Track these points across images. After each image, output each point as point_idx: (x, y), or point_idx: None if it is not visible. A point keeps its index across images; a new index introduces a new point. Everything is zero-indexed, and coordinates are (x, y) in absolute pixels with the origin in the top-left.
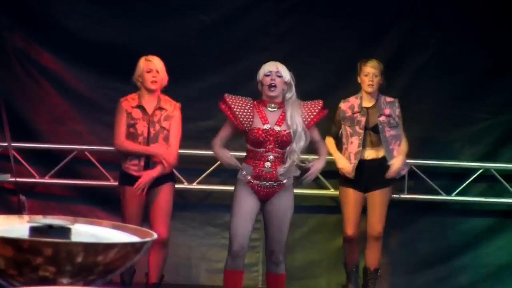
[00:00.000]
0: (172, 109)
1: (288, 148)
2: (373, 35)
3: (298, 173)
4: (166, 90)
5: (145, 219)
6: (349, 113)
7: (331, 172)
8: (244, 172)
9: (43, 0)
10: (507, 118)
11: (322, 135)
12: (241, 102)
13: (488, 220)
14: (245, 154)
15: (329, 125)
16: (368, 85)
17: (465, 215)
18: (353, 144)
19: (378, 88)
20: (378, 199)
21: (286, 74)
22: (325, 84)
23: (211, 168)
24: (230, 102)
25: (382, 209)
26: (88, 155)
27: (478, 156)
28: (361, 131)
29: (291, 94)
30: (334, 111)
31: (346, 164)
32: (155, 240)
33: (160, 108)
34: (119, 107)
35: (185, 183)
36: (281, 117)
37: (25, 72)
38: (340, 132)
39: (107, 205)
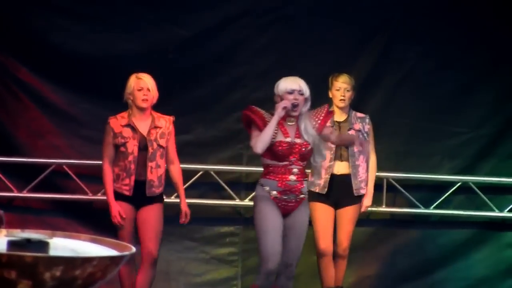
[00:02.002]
0: (168, 124)
1: (312, 161)
2: (351, 49)
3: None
4: None
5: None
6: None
7: None
8: (268, 188)
9: (21, 15)
10: (486, 132)
11: None
12: (265, 115)
13: (467, 233)
14: (263, 170)
15: None
16: (340, 100)
17: (443, 228)
18: (325, 158)
19: (349, 103)
20: (347, 216)
21: (307, 90)
22: None
23: (190, 182)
24: (261, 113)
25: (350, 226)
26: (66, 169)
27: (457, 170)
28: (333, 146)
29: (307, 107)
30: None
31: None
32: (146, 259)
33: (155, 127)
34: (106, 128)
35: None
36: (298, 129)
37: (4, 86)
38: None
39: (85, 219)
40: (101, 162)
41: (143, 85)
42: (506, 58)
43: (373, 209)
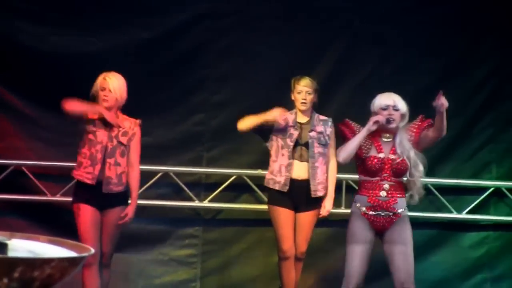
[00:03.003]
0: (133, 126)
1: (408, 177)
2: (312, 52)
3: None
4: None
5: None
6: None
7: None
8: (359, 204)
9: None
10: (443, 135)
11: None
12: (357, 127)
13: (426, 234)
14: (358, 186)
15: None
16: (301, 103)
17: None
18: (284, 156)
19: (311, 106)
20: (307, 220)
21: (403, 106)
22: (265, 101)
23: (150, 183)
24: (353, 127)
25: (309, 230)
26: (25, 170)
27: None
28: (291, 144)
29: (404, 123)
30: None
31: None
32: (101, 261)
33: (118, 126)
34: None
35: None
36: (394, 146)
37: None
38: (270, 142)
39: (44, 220)
40: (60, 164)
41: (105, 86)
42: (465, 61)
43: (332, 210)
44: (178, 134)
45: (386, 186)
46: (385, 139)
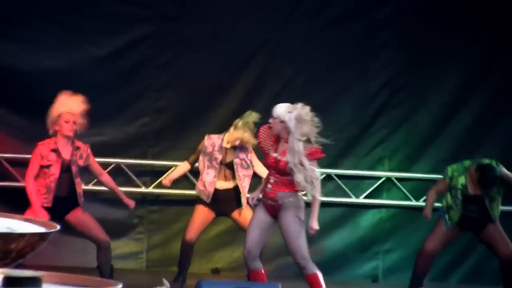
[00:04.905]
0: (86, 148)
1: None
2: (237, 66)
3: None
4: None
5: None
6: (209, 149)
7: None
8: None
9: None
10: (345, 135)
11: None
12: (267, 135)
13: (330, 216)
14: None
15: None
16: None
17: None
18: (209, 175)
19: None
20: (246, 215)
21: (280, 113)
22: (198, 106)
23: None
24: (258, 138)
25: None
26: (3, 161)
27: (324, 164)
28: (217, 166)
29: (292, 128)
30: (199, 142)
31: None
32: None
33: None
34: (35, 151)
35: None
36: (285, 149)
37: None
38: (197, 161)
39: (16, 203)
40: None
41: (69, 118)
42: (363, 75)
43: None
44: (127, 134)
45: (272, 181)
46: (281, 142)
